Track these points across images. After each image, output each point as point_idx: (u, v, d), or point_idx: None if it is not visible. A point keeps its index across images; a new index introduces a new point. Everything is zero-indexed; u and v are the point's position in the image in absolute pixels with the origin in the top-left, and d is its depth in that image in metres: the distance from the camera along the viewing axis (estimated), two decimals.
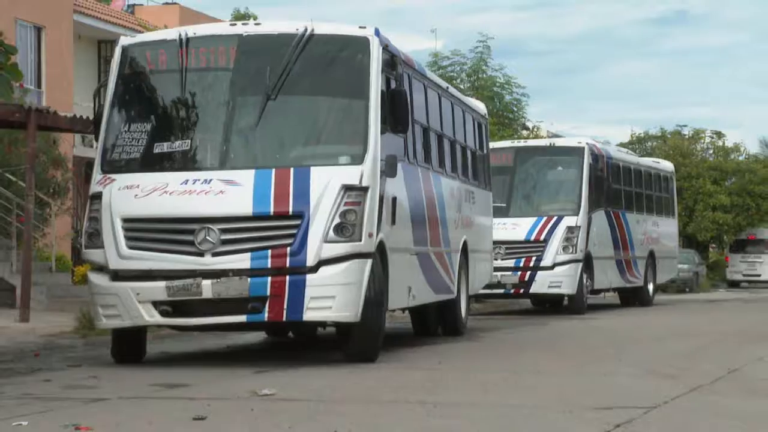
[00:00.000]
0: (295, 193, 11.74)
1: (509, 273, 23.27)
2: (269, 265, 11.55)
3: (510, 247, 23.33)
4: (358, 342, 12.07)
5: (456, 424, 7.99)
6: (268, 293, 11.47)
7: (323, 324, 12.80)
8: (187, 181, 11.95)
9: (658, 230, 29.43)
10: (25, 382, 10.84)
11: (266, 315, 11.54)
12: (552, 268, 23.27)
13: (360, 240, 11.65)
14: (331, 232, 11.57)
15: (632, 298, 28.00)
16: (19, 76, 11.50)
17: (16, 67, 11.35)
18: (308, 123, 12.76)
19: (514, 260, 23.38)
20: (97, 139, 12.85)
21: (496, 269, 22.88)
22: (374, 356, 12.21)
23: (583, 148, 24.71)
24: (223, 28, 13.34)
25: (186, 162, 12.43)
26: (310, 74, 12.66)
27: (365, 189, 11.82)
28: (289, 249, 11.53)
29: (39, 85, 28.31)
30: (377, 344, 12.29)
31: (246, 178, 11.91)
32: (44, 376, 11.35)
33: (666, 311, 25.71)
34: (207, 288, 11.45)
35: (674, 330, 18.35)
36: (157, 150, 12.43)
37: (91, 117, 13.50)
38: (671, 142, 50.00)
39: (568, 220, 23.60)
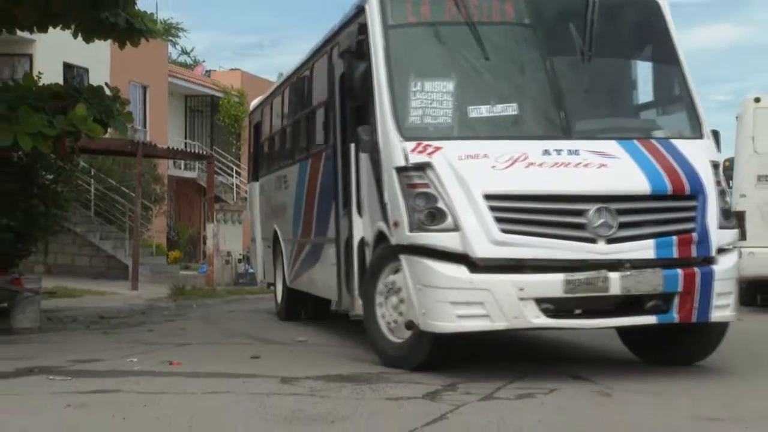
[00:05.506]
0: (682, 170, 7.18)
1: None
2: (675, 255, 6.95)
3: None
4: (703, 345, 7.60)
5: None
6: (680, 289, 6.92)
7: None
8: (547, 151, 7.05)
9: None
10: (135, 332, 10.94)
11: (676, 315, 6.96)
12: None
13: (736, 227, 7.60)
14: (720, 216, 7.19)
15: None
16: (130, 120, 11.60)
17: (129, 113, 11.50)
18: (636, 89, 8.27)
19: None
20: (353, 100, 8.06)
21: None
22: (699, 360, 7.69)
23: None
24: None
25: (525, 128, 7.42)
26: (613, 36, 7.95)
27: (717, 166, 7.50)
28: (694, 235, 7.03)
29: (144, 126, 28.44)
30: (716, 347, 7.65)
31: (615, 149, 7.21)
32: (148, 328, 11.44)
33: None
34: (615, 282, 6.73)
35: None
36: (474, 114, 7.37)
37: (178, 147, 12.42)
38: None
39: None
